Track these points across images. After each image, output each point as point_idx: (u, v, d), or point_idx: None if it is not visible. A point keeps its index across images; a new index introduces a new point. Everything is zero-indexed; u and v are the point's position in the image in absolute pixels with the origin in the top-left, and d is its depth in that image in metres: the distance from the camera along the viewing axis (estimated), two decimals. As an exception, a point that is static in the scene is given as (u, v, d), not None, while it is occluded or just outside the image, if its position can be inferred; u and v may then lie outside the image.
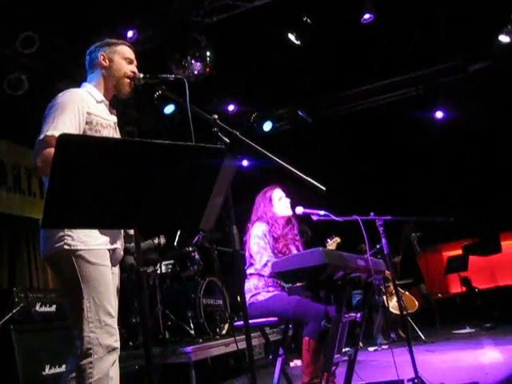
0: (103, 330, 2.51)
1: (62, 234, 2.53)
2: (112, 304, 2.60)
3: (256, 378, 2.40)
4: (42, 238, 2.64)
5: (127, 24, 6.03)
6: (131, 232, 2.80)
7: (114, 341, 2.55)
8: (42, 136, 2.52)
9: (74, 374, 2.57)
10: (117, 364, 2.58)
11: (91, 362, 2.46)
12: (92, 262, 2.56)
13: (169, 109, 7.85)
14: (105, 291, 2.58)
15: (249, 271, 4.15)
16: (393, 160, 9.49)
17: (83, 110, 2.65)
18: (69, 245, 2.53)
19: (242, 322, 3.13)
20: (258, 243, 4.09)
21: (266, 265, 3.96)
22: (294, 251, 4.17)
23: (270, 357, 4.15)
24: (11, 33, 5.67)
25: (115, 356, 2.55)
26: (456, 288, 10.42)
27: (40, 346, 4.55)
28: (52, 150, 2.32)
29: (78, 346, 2.50)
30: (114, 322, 2.58)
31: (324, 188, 2.53)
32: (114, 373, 2.56)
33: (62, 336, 4.83)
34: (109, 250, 2.67)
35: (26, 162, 7.20)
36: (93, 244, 2.58)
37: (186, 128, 2.58)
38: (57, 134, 2.43)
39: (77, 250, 2.53)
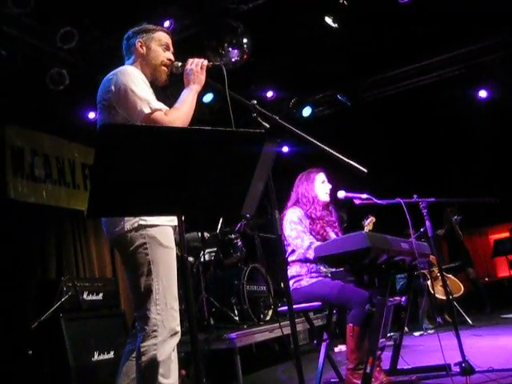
0: (169, 313, 2.55)
1: None
2: (176, 288, 2.64)
3: (301, 364, 2.40)
4: (106, 221, 2.65)
5: (164, 14, 6.05)
6: None
7: (177, 324, 2.59)
8: (142, 115, 2.56)
9: (135, 354, 2.62)
10: (175, 348, 2.61)
11: (155, 344, 2.49)
12: (163, 244, 2.59)
13: (207, 97, 7.86)
14: (172, 274, 2.62)
15: (290, 258, 4.14)
16: (436, 141, 9.31)
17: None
18: (144, 220, 2.55)
19: (285, 308, 3.14)
20: (296, 228, 4.07)
21: (309, 247, 3.94)
22: (333, 236, 4.14)
23: (315, 342, 4.15)
24: (51, 28, 5.76)
25: (177, 340, 2.59)
26: (504, 272, 10.21)
27: (88, 333, 4.67)
28: (164, 118, 2.55)
29: (141, 327, 2.54)
30: (177, 306, 2.62)
31: (365, 170, 2.49)
32: (174, 356, 2.59)
33: (109, 323, 4.96)
34: (173, 227, 2.71)
35: (70, 155, 7.34)
36: (163, 220, 2.61)
37: (226, 116, 2.58)
38: (155, 107, 2.59)
39: (150, 226, 2.56)
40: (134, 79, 2.65)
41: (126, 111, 2.61)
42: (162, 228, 2.61)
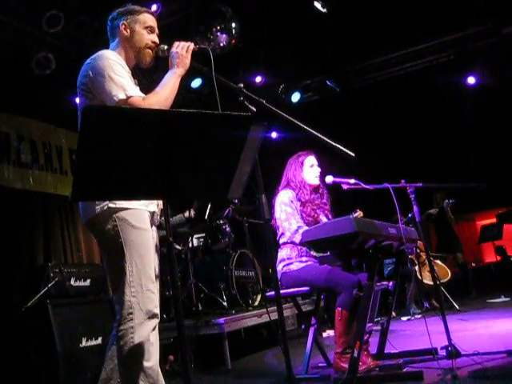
0: (144, 294, 2.52)
1: None
2: (153, 269, 2.61)
3: (288, 349, 2.41)
4: (82, 204, 2.66)
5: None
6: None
7: (154, 306, 2.56)
8: (117, 100, 2.53)
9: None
10: (157, 331, 2.60)
11: (132, 327, 2.47)
12: (135, 225, 2.57)
13: (196, 83, 7.81)
14: (146, 256, 2.59)
15: (281, 240, 4.15)
16: (424, 127, 9.32)
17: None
18: (114, 203, 2.54)
19: (273, 293, 3.14)
20: (285, 210, 4.09)
21: (296, 231, 3.96)
22: (324, 219, 4.15)
23: (303, 327, 4.17)
24: (37, 12, 5.67)
25: (155, 322, 2.56)
26: (490, 257, 10.30)
27: (76, 319, 4.64)
28: (141, 103, 2.52)
29: (118, 310, 2.53)
30: (154, 288, 2.59)
31: (353, 154, 2.49)
32: (155, 339, 2.57)
33: (97, 309, 4.93)
34: (149, 212, 2.68)
35: (57, 140, 7.28)
36: (135, 204, 2.59)
37: (214, 102, 2.56)
38: (131, 93, 2.56)
39: (120, 209, 2.54)
40: (111, 64, 2.62)
41: (102, 96, 2.59)
42: (134, 210, 2.59)
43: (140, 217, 2.61)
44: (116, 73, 2.60)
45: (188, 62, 2.77)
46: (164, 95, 2.67)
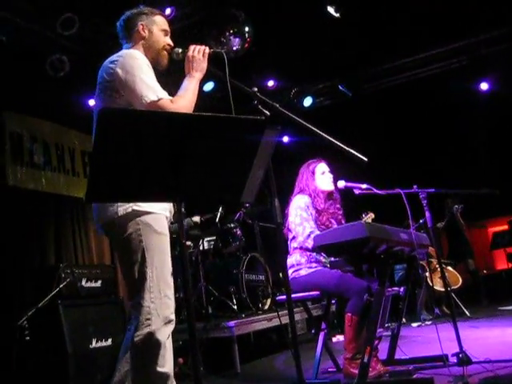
0: (162, 300, 2.52)
1: None
2: (170, 275, 2.60)
3: (299, 353, 2.40)
4: (98, 205, 2.63)
5: (165, 1, 6.00)
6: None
7: (171, 312, 2.56)
8: (148, 101, 2.53)
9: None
10: (170, 336, 2.59)
11: (149, 333, 2.46)
12: (157, 231, 2.56)
13: (208, 86, 7.82)
14: (166, 261, 2.58)
15: (292, 245, 4.16)
16: (436, 133, 9.28)
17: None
18: (138, 205, 2.52)
19: (284, 297, 3.13)
20: (301, 215, 4.08)
21: (309, 236, 3.96)
22: (335, 225, 4.15)
23: (313, 331, 4.16)
24: (52, 15, 5.72)
25: (171, 328, 2.56)
26: (502, 264, 10.21)
27: (86, 320, 4.67)
28: (170, 106, 2.52)
29: (135, 316, 2.51)
30: (171, 294, 2.58)
31: (366, 159, 2.48)
32: (169, 345, 2.57)
33: (107, 311, 4.96)
34: (166, 217, 2.69)
35: (69, 142, 7.32)
36: (157, 208, 2.58)
37: (226, 105, 2.56)
38: (161, 95, 2.57)
39: (144, 213, 2.53)
40: (140, 64, 2.62)
41: (131, 96, 2.58)
42: (156, 215, 2.58)
43: (161, 222, 2.61)
44: (146, 73, 2.60)
45: (205, 66, 2.77)
46: (190, 99, 2.68)
